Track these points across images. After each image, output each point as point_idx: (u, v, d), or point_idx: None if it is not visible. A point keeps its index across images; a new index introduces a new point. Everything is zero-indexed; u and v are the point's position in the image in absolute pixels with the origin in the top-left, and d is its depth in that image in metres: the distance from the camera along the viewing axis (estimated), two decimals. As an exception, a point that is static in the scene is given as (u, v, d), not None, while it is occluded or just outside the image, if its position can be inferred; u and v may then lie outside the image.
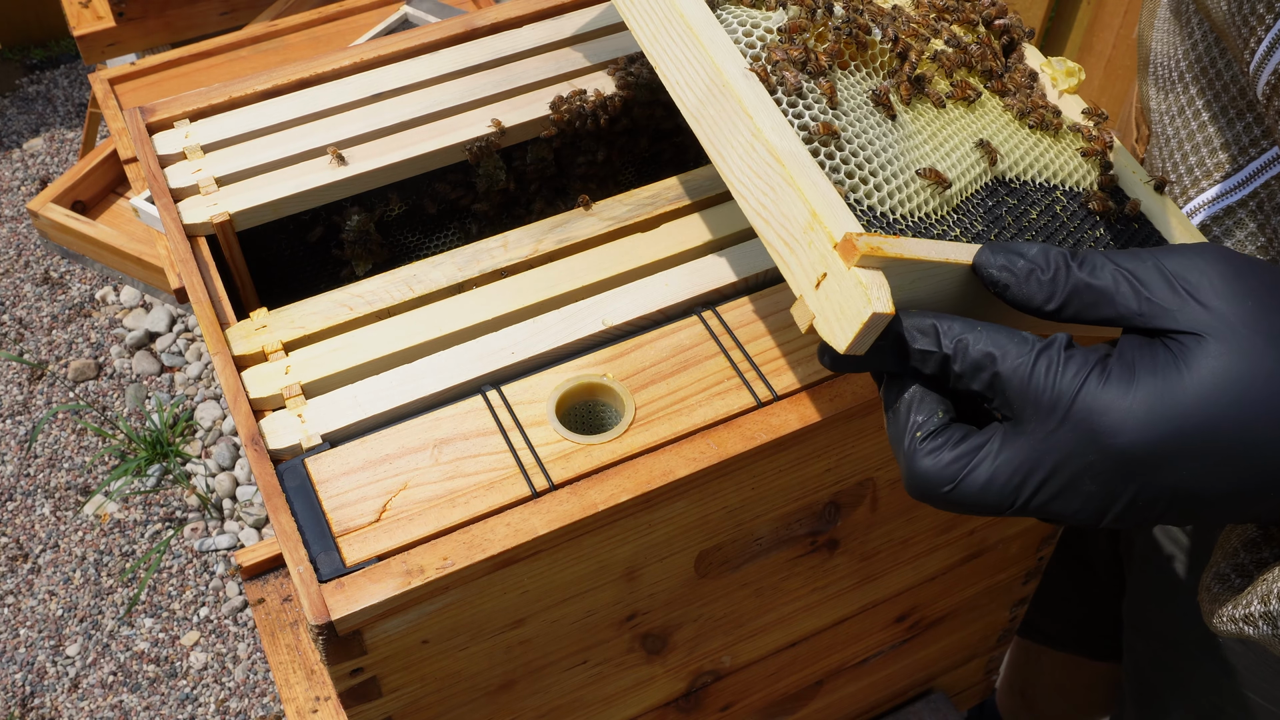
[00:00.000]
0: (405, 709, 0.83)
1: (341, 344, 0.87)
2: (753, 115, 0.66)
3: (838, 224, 0.61)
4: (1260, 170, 0.82)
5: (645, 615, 0.91)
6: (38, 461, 2.41)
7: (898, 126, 0.71)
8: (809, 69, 0.70)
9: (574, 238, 0.95)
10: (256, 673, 2.11)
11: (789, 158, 0.64)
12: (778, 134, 0.66)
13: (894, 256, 0.59)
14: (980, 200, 0.72)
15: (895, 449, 0.60)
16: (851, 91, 0.72)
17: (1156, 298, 0.55)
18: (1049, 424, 0.54)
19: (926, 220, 0.68)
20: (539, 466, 0.79)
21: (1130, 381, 0.53)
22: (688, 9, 0.72)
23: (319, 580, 0.73)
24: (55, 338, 2.63)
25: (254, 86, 1.08)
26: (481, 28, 1.14)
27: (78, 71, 3.27)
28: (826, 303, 0.60)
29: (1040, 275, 0.57)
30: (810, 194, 0.62)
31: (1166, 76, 0.91)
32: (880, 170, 0.67)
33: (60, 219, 2.21)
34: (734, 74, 0.69)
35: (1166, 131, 0.91)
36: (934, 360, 0.58)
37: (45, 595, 2.21)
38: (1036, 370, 0.55)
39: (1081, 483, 0.55)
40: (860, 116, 0.70)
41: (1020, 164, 0.77)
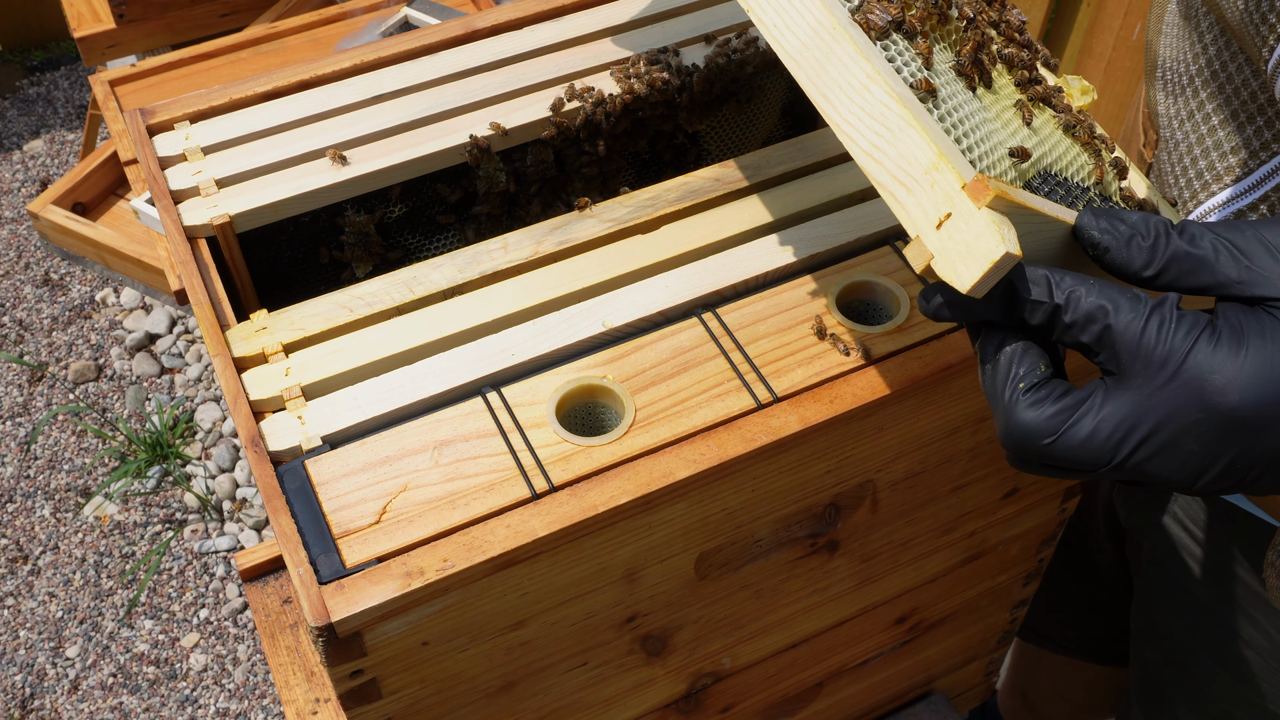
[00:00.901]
0: (405, 711, 0.83)
1: (341, 346, 0.87)
2: (869, 59, 0.66)
3: (965, 167, 0.62)
4: (1272, 174, 0.82)
5: (645, 617, 0.91)
6: (38, 463, 2.41)
7: (977, 99, 0.72)
8: (905, 28, 0.71)
9: (574, 239, 0.95)
10: (256, 674, 2.11)
11: (909, 102, 0.65)
12: (892, 79, 0.66)
13: (1019, 204, 0.59)
14: (1037, 188, 0.73)
15: (993, 401, 0.60)
16: (938, 59, 0.73)
17: (1257, 266, 0.56)
18: (1157, 380, 0.55)
19: None
20: (539, 468, 0.79)
21: (1240, 344, 0.54)
22: None
23: (319, 582, 0.73)
24: (55, 339, 2.63)
25: (254, 88, 1.08)
26: (481, 29, 1.14)
27: (78, 73, 3.27)
28: (950, 243, 0.60)
29: (1141, 241, 0.58)
30: (934, 134, 0.63)
31: (1175, 81, 0.90)
32: (971, 133, 0.68)
33: (60, 221, 2.21)
34: (844, 19, 0.69)
35: (1175, 136, 0.90)
36: (1043, 310, 0.58)
37: (45, 597, 2.21)
38: (1149, 327, 0.55)
39: (1184, 441, 0.55)
40: (948, 82, 0.71)
41: (1061, 160, 0.78)
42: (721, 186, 0.98)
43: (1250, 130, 0.83)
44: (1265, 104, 0.81)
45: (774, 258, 0.92)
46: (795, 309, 0.88)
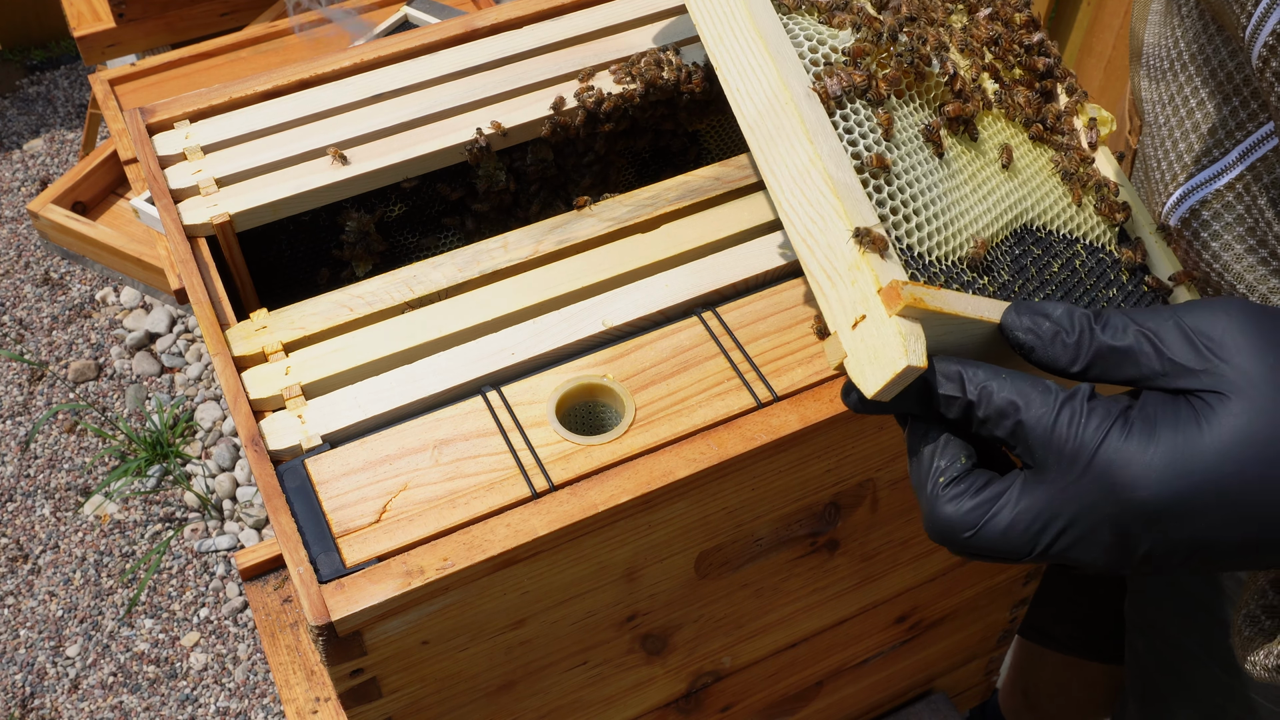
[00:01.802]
0: (405, 710, 0.83)
1: (341, 345, 0.87)
2: (813, 140, 0.65)
3: (884, 271, 0.61)
4: (1246, 153, 0.83)
5: (645, 616, 0.91)
6: (38, 462, 2.41)
7: (943, 164, 0.71)
8: (869, 96, 0.70)
9: (574, 238, 0.95)
10: (256, 674, 2.11)
11: (844, 190, 0.64)
12: (835, 163, 0.65)
13: (934, 310, 0.59)
14: (1009, 248, 0.72)
15: (918, 493, 0.61)
16: (904, 123, 0.72)
17: (1179, 357, 0.56)
18: (1070, 474, 0.55)
19: (958, 266, 0.68)
20: (539, 467, 0.79)
21: (1151, 436, 0.54)
22: (758, 16, 0.71)
23: (319, 581, 0.73)
24: (55, 338, 2.63)
25: (254, 87, 1.08)
26: (481, 29, 1.14)
27: (78, 72, 3.27)
28: (861, 345, 0.60)
29: (1065, 338, 0.58)
30: None
31: (1158, 65, 0.92)
32: (923, 210, 0.67)
33: (60, 220, 2.21)
34: (798, 92, 0.68)
35: (1158, 120, 0.92)
36: (958, 405, 0.59)
37: (45, 596, 2.21)
38: (1059, 421, 0.55)
39: (1100, 533, 0.56)
40: (910, 151, 0.70)
41: (1048, 213, 0.77)
42: (721, 185, 0.98)
43: (1227, 110, 0.84)
44: (1241, 83, 0.82)
45: (774, 256, 0.92)
46: (795, 308, 0.88)
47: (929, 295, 0.59)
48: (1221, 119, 0.85)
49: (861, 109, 0.69)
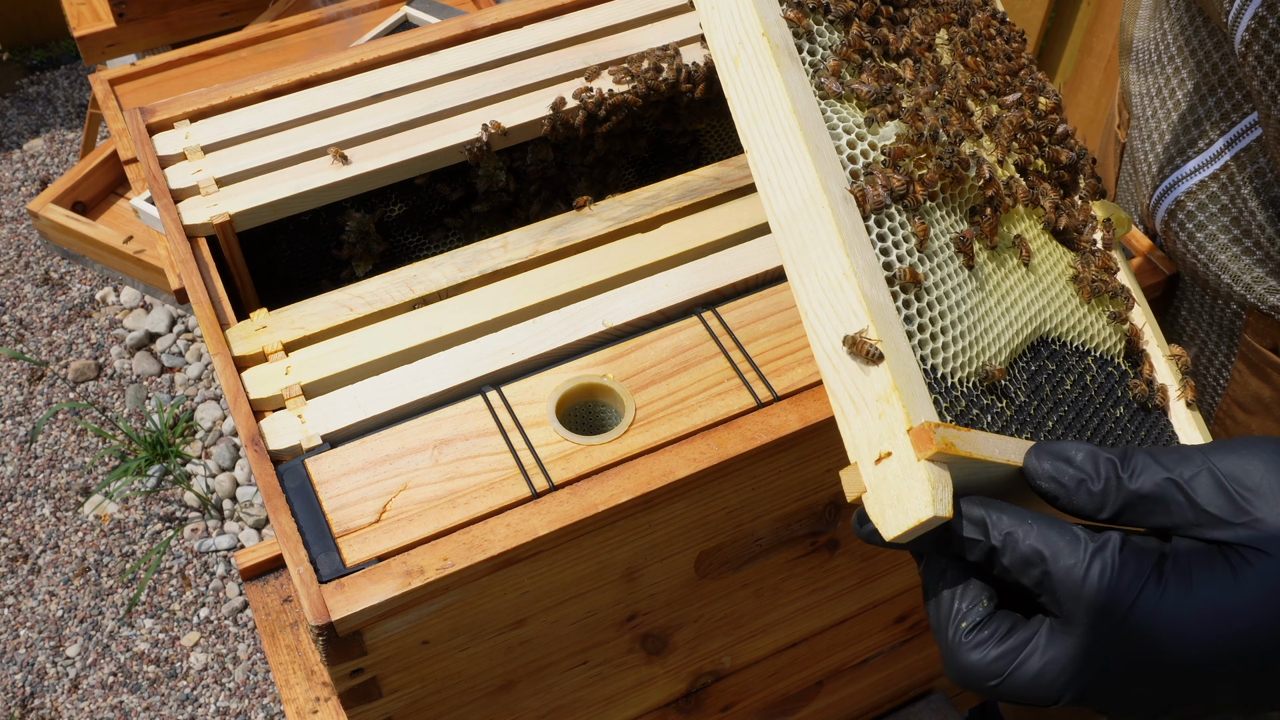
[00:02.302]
0: (405, 710, 0.83)
1: (342, 344, 0.87)
2: (849, 254, 0.61)
3: (916, 407, 0.58)
4: (1231, 143, 0.84)
5: (645, 616, 0.91)
6: (38, 462, 2.41)
7: (972, 277, 0.68)
8: (905, 202, 0.67)
9: (574, 238, 0.95)
10: (256, 673, 2.11)
11: (879, 312, 0.60)
12: (870, 280, 0.61)
13: (964, 455, 0.56)
14: (1025, 365, 0.70)
15: (937, 635, 0.58)
16: (937, 229, 0.68)
17: (1213, 508, 0.54)
18: (1102, 628, 0.53)
19: (978, 388, 0.65)
20: (539, 467, 0.79)
21: (1188, 591, 0.53)
22: (799, 102, 0.67)
23: (319, 581, 0.73)
24: (55, 338, 2.63)
25: (254, 87, 1.08)
26: (481, 28, 1.14)
27: (78, 72, 3.27)
28: (884, 484, 0.57)
29: (1090, 485, 0.56)
30: (894, 361, 0.59)
31: (1147, 59, 0.93)
32: (950, 329, 0.64)
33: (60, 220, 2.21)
34: (835, 196, 0.64)
35: (1146, 113, 0.92)
36: (980, 549, 0.56)
37: (45, 596, 2.21)
38: (1090, 575, 0.53)
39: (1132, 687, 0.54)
40: (941, 262, 0.67)
41: (1064, 323, 0.75)
42: (721, 185, 0.98)
43: (1212, 101, 0.85)
44: (1226, 74, 0.83)
45: (774, 256, 0.92)
46: (795, 307, 0.88)
47: (960, 439, 0.56)
48: (1207, 110, 0.86)
49: (897, 214, 0.66)
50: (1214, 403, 0.95)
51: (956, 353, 0.64)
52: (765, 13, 0.70)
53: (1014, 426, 0.66)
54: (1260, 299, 0.85)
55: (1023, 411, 0.67)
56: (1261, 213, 0.83)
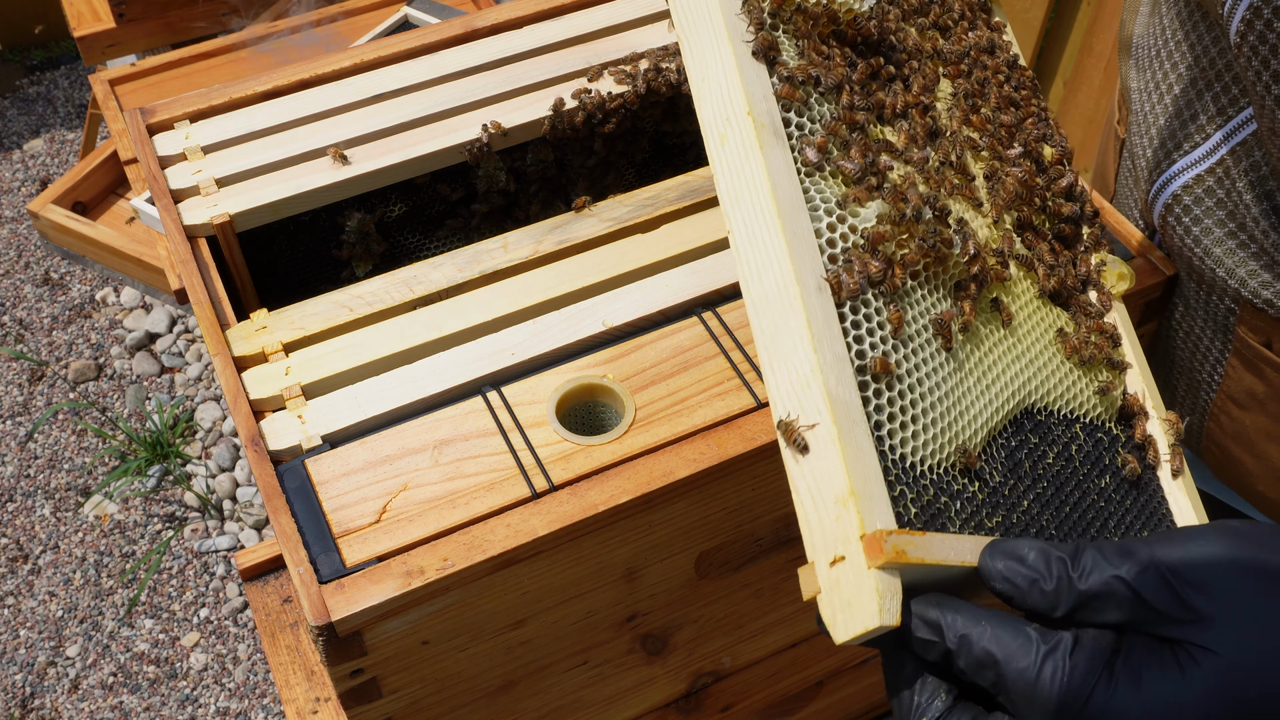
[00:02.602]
0: (405, 710, 0.83)
1: (342, 345, 0.87)
2: (816, 350, 0.61)
3: (871, 512, 0.58)
4: (1227, 138, 0.84)
5: (646, 616, 0.91)
6: (38, 462, 2.41)
7: (951, 358, 0.68)
8: (883, 289, 0.66)
9: (574, 239, 0.95)
10: (256, 674, 2.11)
11: (842, 411, 0.60)
12: (836, 376, 0.61)
13: (916, 562, 0.57)
14: (1004, 441, 0.70)
15: None
16: (917, 309, 0.68)
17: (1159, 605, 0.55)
18: None
19: (949, 473, 0.65)
20: (539, 467, 0.79)
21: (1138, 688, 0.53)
22: (778, 185, 0.66)
23: (319, 581, 0.73)
24: (55, 338, 2.63)
25: (254, 87, 1.08)
26: (481, 29, 1.14)
27: (78, 72, 3.27)
28: (836, 587, 0.58)
29: (1043, 585, 0.57)
30: (852, 463, 0.59)
31: (1146, 55, 0.93)
32: (922, 417, 0.64)
33: (60, 220, 2.21)
34: (808, 286, 0.63)
35: (1144, 108, 0.93)
36: (937, 650, 0.57)
37: (45, 596, 2.21)
38: (1042, 677, 0.54)
39: None
40: (917, 347, 0.66)
41: (1051, 391, 0.74)
42: (721, 186, 0.98)
43: (1209, 96, 0.85)
44: (1224, 69, 0.83)
45: (774, 257, 0.92)
46: (795, 308, 0.88)
47: (913, 545, 0.57)
48: (1204, 104, 0.86)
49: (873, 300, 0.65)
50: (1208, 399, 0.95)
51: (927, 440, 0.64)
52: (752, 89, 0.69)
53: (985, 510, 0.65)
54: (1254, 294, 0.85)
55: (996, 493, 0.67)
56: (1256, 207, 0.83)
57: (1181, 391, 0.99)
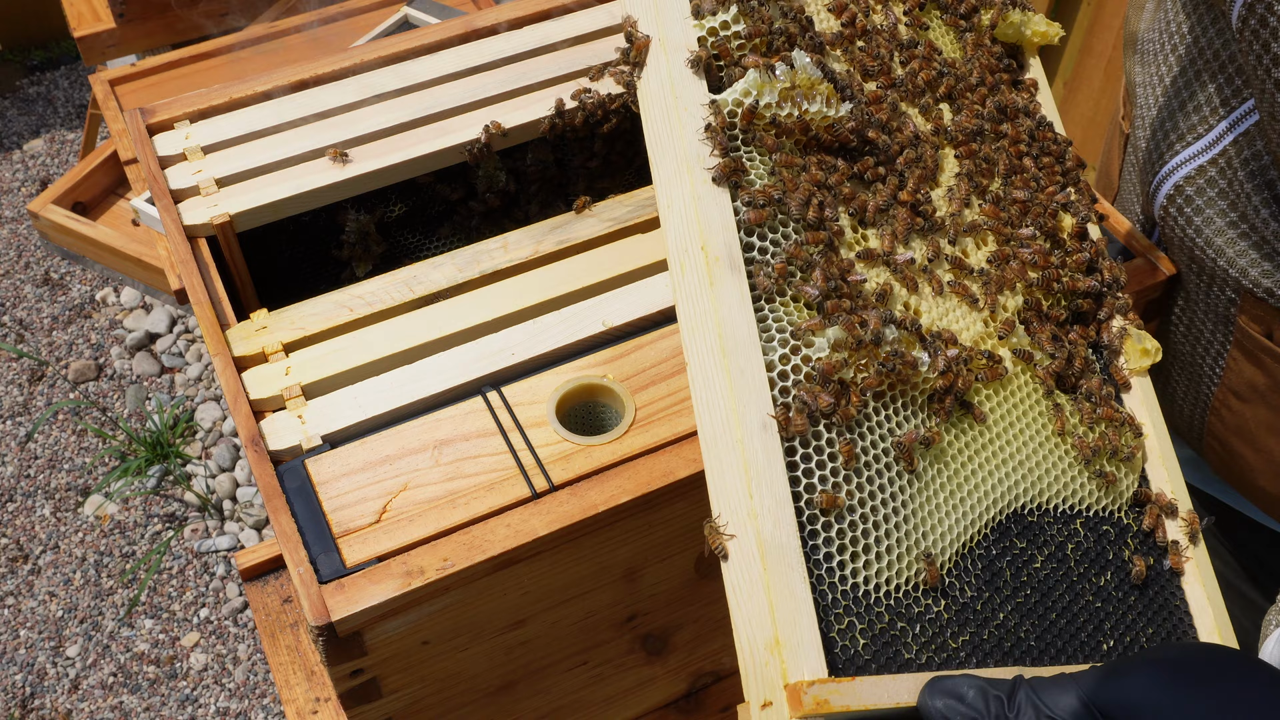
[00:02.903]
0: (405, 710, 0.83)
1: (342, 345, 0.87)
2: (753, 495, 0.61)
3: (797, 660, 0.58)
4: (1229, 129, 0.85)
5: (646, 616, 0.91)
6: (38, 462, 2.41)
7: (915, 479, 0.67)
8: (835, 419, 0.64)
9: (574, 239, 0.95)
10: (256, 674, 2.11)
11: (775, 557, 0.60)
12: (773, 520, 0.61)
13: (839, 710, 0.57)
14: (984, 552, 0.69)
15: None
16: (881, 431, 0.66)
17: None
18: None
19: (914, 593, 0.64)
20: (539, 467, 0.79)
21: None
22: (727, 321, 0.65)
23: (319, 581, 0.73)
24: (55, 339, 2.63)
25: (254, 87, 1.08)
26: (481, 29, 1.14)
27: (78, 73, 3.27)
28: None
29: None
30: (781, 611, 0.59)
31: (1150, 49, 0.94)
32: (874, 545, 0.64)
33: (61, 220, 2.21)
34: (751, 428, 0.63)
35: (1148, 101, 0.94)
36: None
37: (45, 596, 2.21)
38: None
39: None
40: (880, 470, 0.65)
41: (1047, 491, 0.72)
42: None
43: (1212, 87, 0.86)
44: (1227, 60, 0.84)
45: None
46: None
47: (837, 694, 0.57)
48: (1207, 96, 0.87)
49: (824, 432, 0.64)
50: (1209, 393, 0.95)
51: (882, 568, 0.63)
52: (710, 221, 0.67)
53: (951, 630, 0.65)
54: (1255, 283, 0.86)
55: (967, 609, 0.66)
56: (1257, 196, 0.84)
57: (1182, 386, 0.99)
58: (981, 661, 0.65)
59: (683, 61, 0.73)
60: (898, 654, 0.63)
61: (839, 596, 0.62)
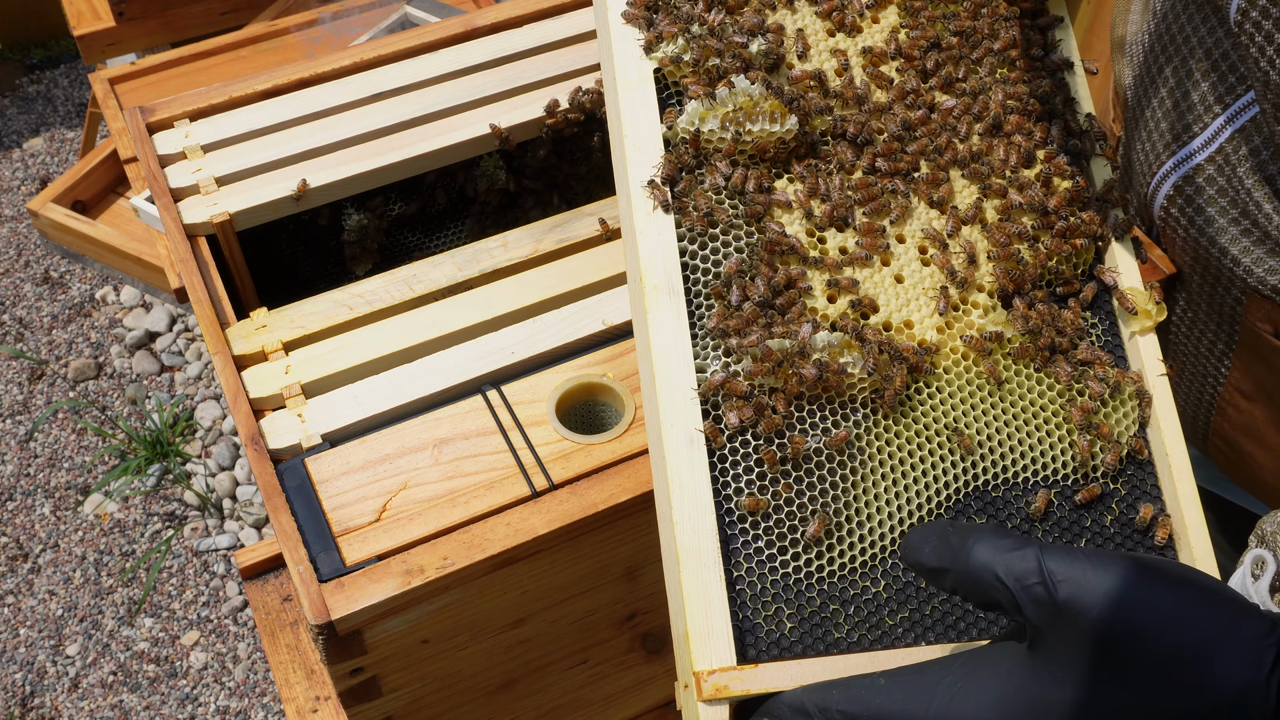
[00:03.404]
0: (405, 709, 0.83)
1: (341, 344, 0.87)
2: (674, 505, 0.66)
3: (702, 652, 0.63)
4: (1225, 125, 0.84)
5: (645, 615, 0.91)
6: (38, 461, 2.41)
7: (848, 475, 0.70)
8: (759, 429, 0.68)
9: (574, 237, 0.95)
10: (256, 672, 2.11)
11: (690, 559, 0.65)
12: (692, 527, 0.66)
13: (740, 695, 0.62)
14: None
15: None
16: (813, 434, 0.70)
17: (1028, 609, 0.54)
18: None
19: (850, 575, 0.67)
20: (539, 466, 0.79)
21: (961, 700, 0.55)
22: (660, 340, 0.70)
23: (319, 580, 0.73)
24: (55, 337, 2.63)
25: (254, 86, 1.08)
26: (481, 28, 1.14)
27: (78, 71, 3.27)
28: (686, 708, 0.64)
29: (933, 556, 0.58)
30: (692, 607, 0.64)
31: (1138, 52, 0.94)
32: (800, 540, 0.67)
33: (60, 219, 2.21)
34: (676, 442, 0.67)
35: (1140, 103, 0.94)
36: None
37: (45, 595, 2.21)
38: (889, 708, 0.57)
39: None
40: (807, 471, 0.68)
41: (1013, 468, 0.73)
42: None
43: (1206, 85, 0.86)
44: (1219, 59, 0.84)
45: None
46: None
47: (737, 679, 0.62)
48: (1201, 95, 0.86)
49: (751, 440, 0.68)
50: (1215, 393, 0.95)
51: (810, 559, 0.67)
52: (650, 252, 0.72)
53: (890, 607, 0.68)
54: (1261, 281, 0.85)
55: (909, 587, 0.68)
56: (1258, 190, 0.83)
57: (1185, 386, 0.99)
58: (920, 637, 0.68)
59: (632, 97, 0.76)
60: (827, 634, 0.66)
61: (767, 586, 0.67)
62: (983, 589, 0.55)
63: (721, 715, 0.63)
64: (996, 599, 0.55)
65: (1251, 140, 0.83)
